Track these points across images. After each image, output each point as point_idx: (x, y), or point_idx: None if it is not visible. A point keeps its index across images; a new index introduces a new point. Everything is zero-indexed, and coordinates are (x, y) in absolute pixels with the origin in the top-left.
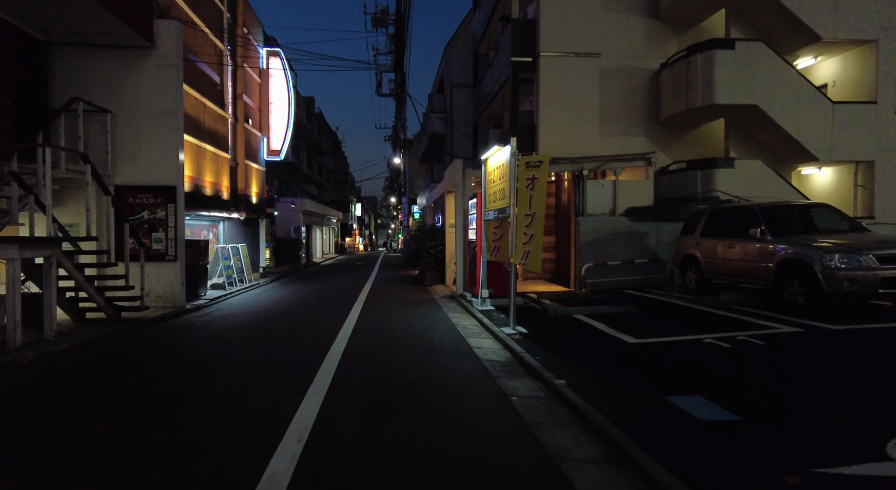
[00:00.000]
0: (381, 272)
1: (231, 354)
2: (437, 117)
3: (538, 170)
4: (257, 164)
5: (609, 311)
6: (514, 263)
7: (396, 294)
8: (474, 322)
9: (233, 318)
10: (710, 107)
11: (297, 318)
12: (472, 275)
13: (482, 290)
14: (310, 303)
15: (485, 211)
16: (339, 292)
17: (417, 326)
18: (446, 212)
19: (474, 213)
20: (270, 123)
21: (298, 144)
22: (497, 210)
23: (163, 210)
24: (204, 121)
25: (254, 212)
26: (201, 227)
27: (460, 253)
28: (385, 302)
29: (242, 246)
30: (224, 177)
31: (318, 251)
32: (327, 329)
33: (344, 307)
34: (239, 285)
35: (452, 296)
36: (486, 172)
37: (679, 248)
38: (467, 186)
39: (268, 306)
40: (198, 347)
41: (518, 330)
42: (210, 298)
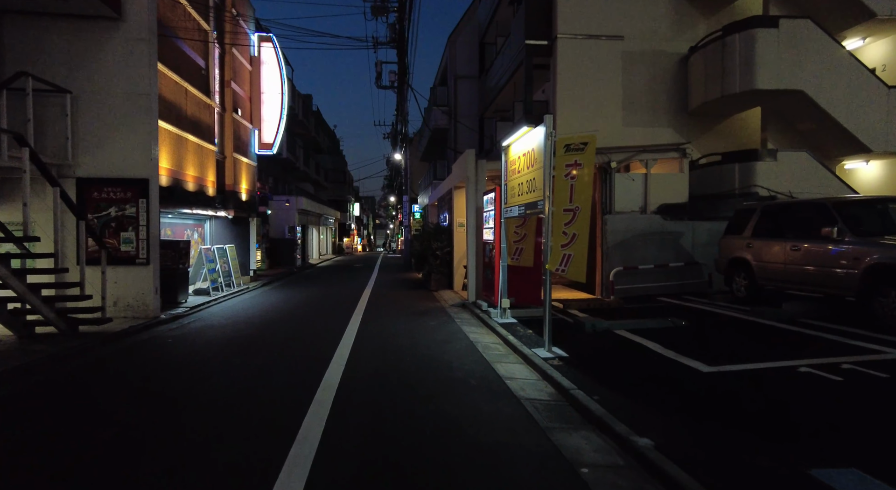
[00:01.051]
0: (381, 275)
1: (194, 388)
2: (440, 111)
3: (581, 154)
4: (248, 159)
5: (656, 325)
6: (551, 270)
7: (400, 301)
8: (496, 339)
9: (211, 332)
10: (748, 93)
11: (286, 334)
12: (489, 281)
13: (502, 300)
14: (302, 312)
15: (505, 207)
16: (336, 299)
17: (429, 345)
18: (454, 210)
19: (491, 209)
20: (262, 115)
21: (294, 141)
22: (523, 205)
23: (133, 206)
24: (185, 108)
25: (244, 210)
26: (184, 226)
27: (472, 256)
28: (388, 311)
29: (230, 247)
30: (209, 171)
31: (314, 252)
32: (320, 349)
33: (341, 318)
34: (225, 291)
35: (464, 304)
36: (508, 161)
37: (724, 251)
38: (480, 180)
39: (254, 317)
40: (156, 376)
41: (555, 352)
42: (191, 306)
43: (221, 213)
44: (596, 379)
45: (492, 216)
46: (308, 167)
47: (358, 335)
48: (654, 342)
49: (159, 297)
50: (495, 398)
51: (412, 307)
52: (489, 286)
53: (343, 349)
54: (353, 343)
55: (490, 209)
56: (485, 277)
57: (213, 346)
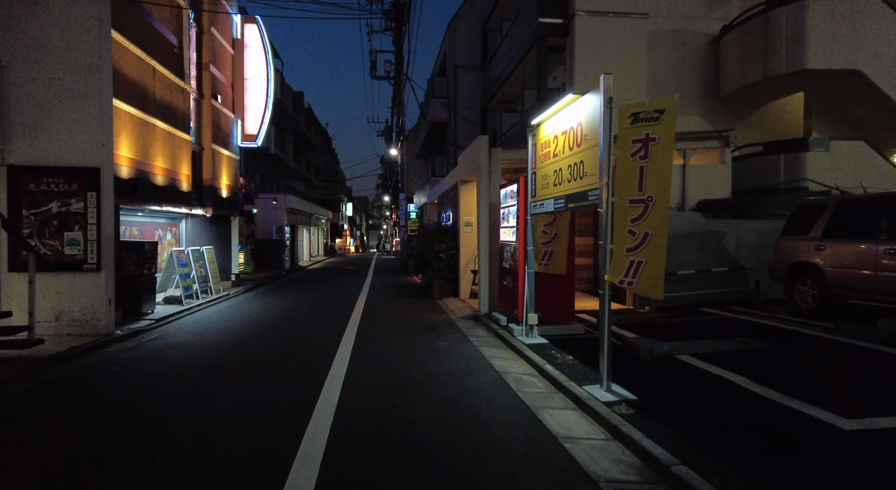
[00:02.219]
0: (376, 279)
1: (125, 452)
2: (438, 102)
3: (656, 125)
4: (229, 151)
5: (726, 348)
6: (612, 282)
7: (400, 312)
8: (528, 368)
9: (170, 354)
10: (796, 75)
11: (261, 359)
12: (508, 290)
13: (528, 314)
14: (285, 327)
15: (533, 201)
16: (326, 309)
17: (444, 378)
18: (460, 207)
19: (512, 204)
20: (246, 103)
21: (284, 136)
22: (562, 197)
23: (80, 200)
24: (153, 90)
25: (224, 208)
26: (154, 225)
27: (485, 260)
28: (387, 326)
29: (208, 249)
30: (183, 163)
31: (304, 253)
32: (303, 385)
33: (331, 336)
34: (201, 298)
35: (475, 316)
36: (538, 144)
37: (783, 254)
38: (495, 172)
39: (227, 333)
40: (81, 428)
41: (617, 392)
42: (157, 318)
43: (198, 211)
44: (695, 440)
45: (513, 212)
46: (298, 164)
47: (352, 362)
48: (738, 374)
49: (114, 309)
50: (560, 482)
51: (415, 320)
52: (508, 296)
53: (332, 385)
54: (346, 374)
55: (511, 204)
56: (502, 286)
57: (165, 378)
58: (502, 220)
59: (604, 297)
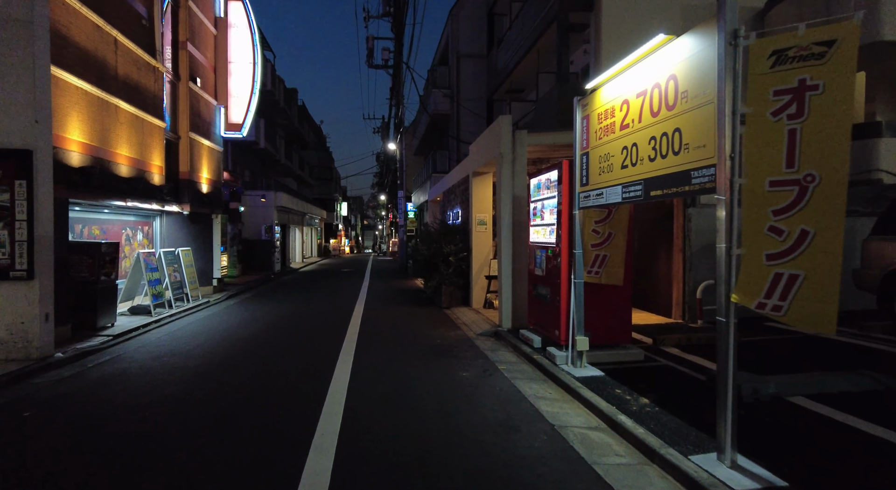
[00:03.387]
0: (374, 283)
1: None
2: (440, 93)
3: (820, 66)
4: (210, 142)
5: (849, 386)
6: (744, 304)
7: (405, 325)
8: (591, 417)
9: (115, 387)
10: (866, 49)
11: (233, 397)
12: (541, 303)
13: (575, 337)
14: (266, 347)
15: (583, 191)
16: (318, 321)
17: (478, 434)
18: (472, 203)
19: (549, 197)
20: (230, 89)
21: (275, 131)
22: (635, 184)
23: (5, 191)
24: (115, 65)
25: (205, 204)
26: (122, 224)
27: (507, 264)
28: (391, 347)
29: (185, 251)
30: (155, 152)
31: (297, 255)
32: (282, 442)
33: (322, 360)
34: (175, 307)
35: (496, 333)
36: (594, 115)
37: (876, 259)
38: (519, 158)
39: (194, 355)
40: None
41: (750, 470)
42: (116, 333)
43: (173, 208)
44: None
45: (551, 207)
46: (290, 161)
47: (349, 407)
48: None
49: (53, 326)
50: None
51: (424, 337)
52: (543, 311)
53: (321, 454)
54: (341, 429)
55: (547, 197)
56: (532, 298)
57: (97, 430)
58: (532, 216)
59: (726, 328)
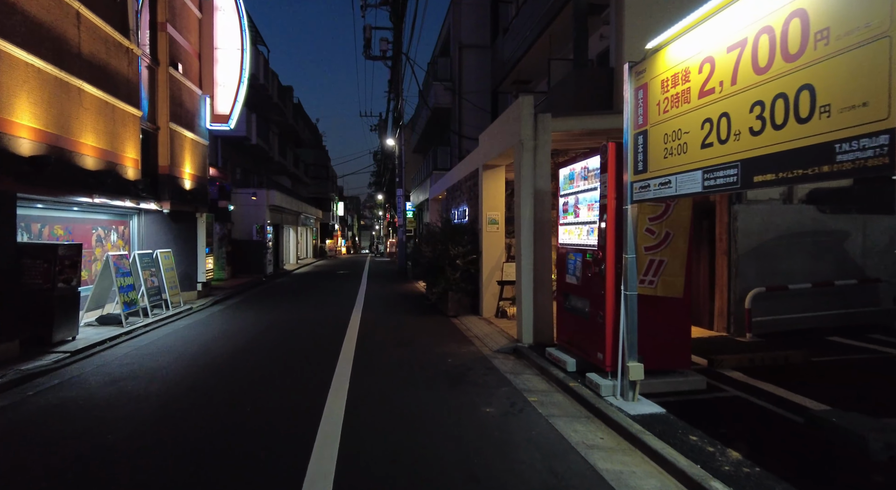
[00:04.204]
0: (372, 286)
1: None
2: (441, 86)
3: None
4: (195, 134)
5: None
6: None
7: (410, 340)
8: (668, 481)
9: (53, 426)
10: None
11: (187, 456)
12: (573, 317)
13: (627, 364)
14: (247, 369)
15: (637, 181)
16: (309, 334)
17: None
18: (482, 199)
19: (587, 190)
20: (216, 77)
21: (268, 127)
22: (727, 168)
23: None
24: (77, 42)
25: (187, 202)
26: (92, 223)
27: (527, 268)
28: (396, 369)
29: (165, 253)
30: (128, 144)
31: (291, 256)
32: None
33: (312, 389)
34: (153, 316)
35: (516, 349)
36: (657, 82)
37: None
38: (542, 146)
39: (161, 378)
40: None
41: None
42: (76, 349)
43: (151, 206)
44: None
45: (589, 201)
46: (285, 159)
47: (342, 465)
48: None
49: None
50: None
51: (432, 356)
52: (579, 328)
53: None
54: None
55: (583, 189)
56: (563, 311)
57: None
58: (562, 213)
59: None
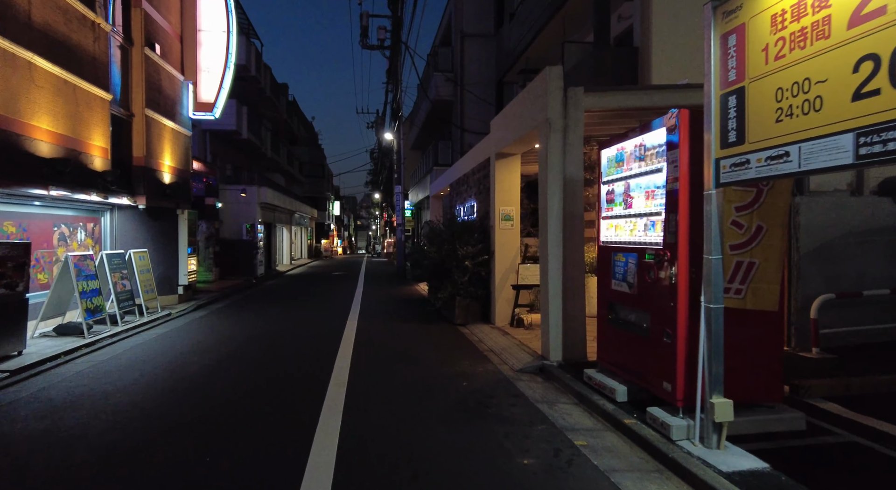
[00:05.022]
0: (369, 289)
1: None
2: (442, 78)
3: None
4: (175, 123)
5: None
6: None
7: (414, 356)
8: None
9: None
10: None
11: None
12: (633, 336)
13: (711, 399)
14: (218, 397)
15: (729, 157)
16: (297, 348)
17: None
18: (494, 193)
19: (643, 173)
20: (199, 62)
21: (260, 122)
22: (883, 127)
23: None
24: (27, 8)
25: (167, 197)
26: (54, 219)
27: (555, 272)
28: (399, 397)
29: (140, 253)
30: (96, 130)
31: (284, 256)
32: None
33: (295, 426)
34: (122, 323)
35: (542, 368)
36: (767, 16)
37: None
38: (573, 126)
39: (111, 411)
40: None
41: None
42: (21, 366)
43: (123, 201)
44: None
45: (648, 187)
46: (278, 155)
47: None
48: None
49: None
50: None
51: (444, 378)
52: (629, 346)
53: None
54: None
55: (637, 172)
56: (610, 324)
57: None
58: (606, 204)
59: None
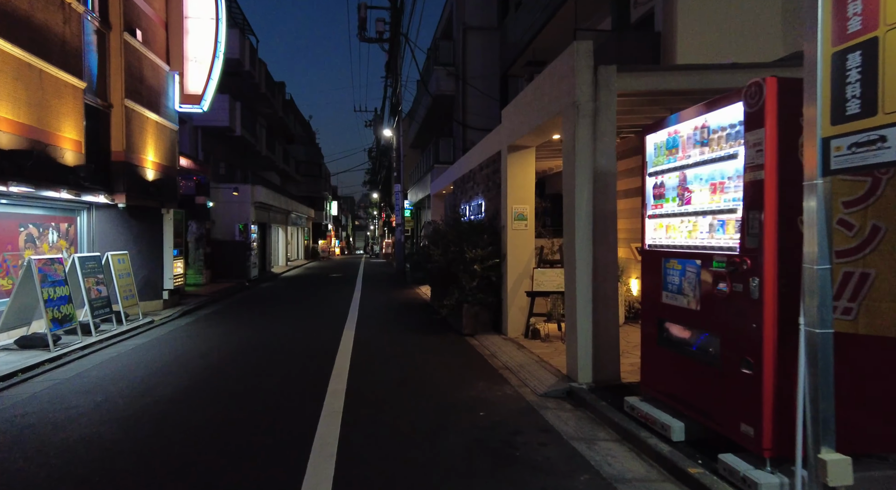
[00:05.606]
0: (367, 293)
1: None
2: (443, 72)
3: None
4: (160, 116)
5: None
6: None
7: (419, 376)
8: None
9: None
10: None
11: None
12: (694, 364)
13: (821, 454)
14: (185, 434)
15: (839, 136)
16: (285, 366)
17: None
18: (506, 190)
19: (699, 163)
20: (186, 51)
21: (255, 119)
22: None
23: None
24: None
25: (151, 196)
26: (19, 219)
27: (584, 279)
28: (406, 433)
29: (119, 255)
30: (66, 121)
31: (280, 258)
32: None
33: (280, 477)
34: (96, 333)
35: (570, 392)
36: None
37: None
38: (605, 110)
39: (51, 453)
40: None
41: None
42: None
43: (100, 199)
44: None
45: (714, 177)
46: (274, 153)
47: None
48: None
49: None
50: None
51: (457, 404)
52: (684, 373)
53: None
54: None
55: (700, 160)
56: (659, 346)
57: None
58: (653, 199)
59: None
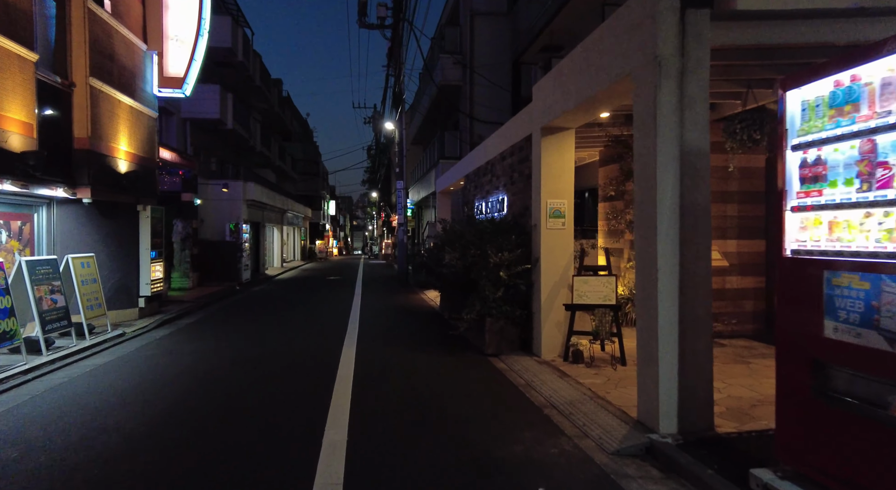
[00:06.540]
0: (368, 298)
1: None
2: (449, 60)
3: None
4: (135, 100)
5: None
6: None
7: (438, 419)
8: None
9: None
10: None
11: None
12: (881, 432)
13: None
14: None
15: None
16: (270, 401)
17: None
18: (541, 181)
19: (888, 125)
20: (166, 29)
21: (250, 113)
22: None
23: None
24: None
25: (123, 190)
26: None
27: (669, 298)
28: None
29: (84, 259)
30: (12, 100)
31: (275, 259)
32: None
33: None
34: (47, 353)
35: (651, 448)
36: None
37: None
38: (696, 69)
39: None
40: None
41: None
42: None
43: (59, 193)
44: None
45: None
46: (269, 150)
47: None
48: None
49: None
50: None
51: (497, 468)
52: (855, 441)
53: None
54: None
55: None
56: (815, 399)
57: None
58: (800, 184)
59: None
